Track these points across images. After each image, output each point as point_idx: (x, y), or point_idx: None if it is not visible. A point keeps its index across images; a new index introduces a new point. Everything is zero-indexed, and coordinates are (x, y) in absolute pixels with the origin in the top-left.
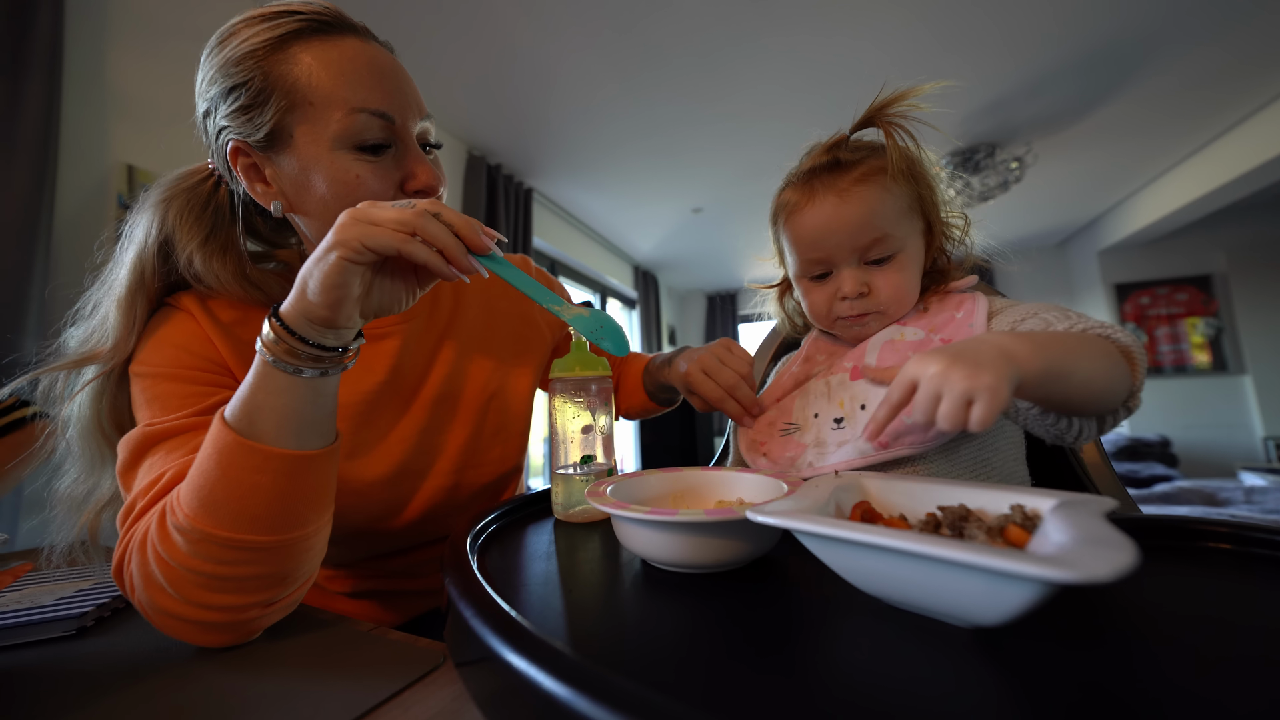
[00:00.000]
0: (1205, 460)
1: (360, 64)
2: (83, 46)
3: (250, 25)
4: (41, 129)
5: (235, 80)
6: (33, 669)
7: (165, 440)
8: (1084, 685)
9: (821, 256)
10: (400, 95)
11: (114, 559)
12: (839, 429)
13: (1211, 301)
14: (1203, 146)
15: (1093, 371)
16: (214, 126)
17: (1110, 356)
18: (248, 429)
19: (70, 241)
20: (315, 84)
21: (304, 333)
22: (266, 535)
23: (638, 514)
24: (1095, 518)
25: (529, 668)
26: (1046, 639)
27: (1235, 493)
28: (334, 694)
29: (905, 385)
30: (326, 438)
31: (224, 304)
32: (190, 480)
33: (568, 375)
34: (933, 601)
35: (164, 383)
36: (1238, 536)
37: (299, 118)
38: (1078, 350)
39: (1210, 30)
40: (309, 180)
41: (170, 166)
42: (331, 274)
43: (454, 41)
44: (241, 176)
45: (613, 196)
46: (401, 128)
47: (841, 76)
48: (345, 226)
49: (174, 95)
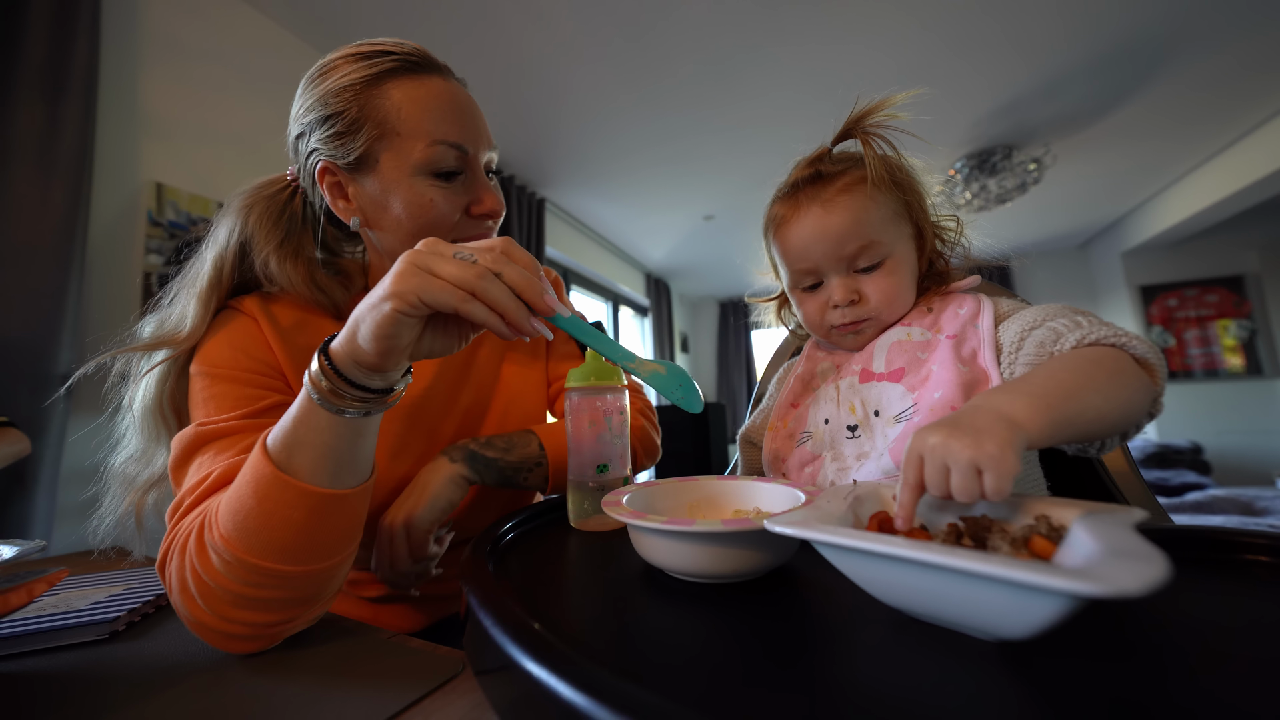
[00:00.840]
0: (1240, 467)
1: (443, 101)
2: (116, 70)
3: (350, 62)
4: (78, 151)
5: (332, 110)
6: (66, 672)
7: (216, 440)
8: (1114, 700)
9: (810, 267)
10: (474, 129)
11: (160, 553)
12: (854, 438)
13: (1244, 303)
14: (1230, 144)
15: (1105, 403)
16: (305, 148)
17: (1125, 374)
18: (286, 462)
19: (103, 258)
20: (403, 117)
21: (351, 375)
22: (293, 566)
23: (655, 524)
24: (1124, 529)
25: (548, 676)
26: (1074, 653)
27: (1274, 501)
28: (356, 700)
29: (914, 461)
30: (361, 475)
31: (286, 306)
32: (228, 502)
33: (583, 385)
34: (956, 614)
35: (221, 384)
36: (1278, 549)
37: (386, 146)
38: (1086, 384)
39: (1235, 25)
40: (388, 201)
41: (198, 184)
42: (384, 324)
43: (465, 54)
44: (326, 193)
45: (624, 205)
46: (473, 158)
47: (853, 84)
48: (404, 275)
49: (201, 116)
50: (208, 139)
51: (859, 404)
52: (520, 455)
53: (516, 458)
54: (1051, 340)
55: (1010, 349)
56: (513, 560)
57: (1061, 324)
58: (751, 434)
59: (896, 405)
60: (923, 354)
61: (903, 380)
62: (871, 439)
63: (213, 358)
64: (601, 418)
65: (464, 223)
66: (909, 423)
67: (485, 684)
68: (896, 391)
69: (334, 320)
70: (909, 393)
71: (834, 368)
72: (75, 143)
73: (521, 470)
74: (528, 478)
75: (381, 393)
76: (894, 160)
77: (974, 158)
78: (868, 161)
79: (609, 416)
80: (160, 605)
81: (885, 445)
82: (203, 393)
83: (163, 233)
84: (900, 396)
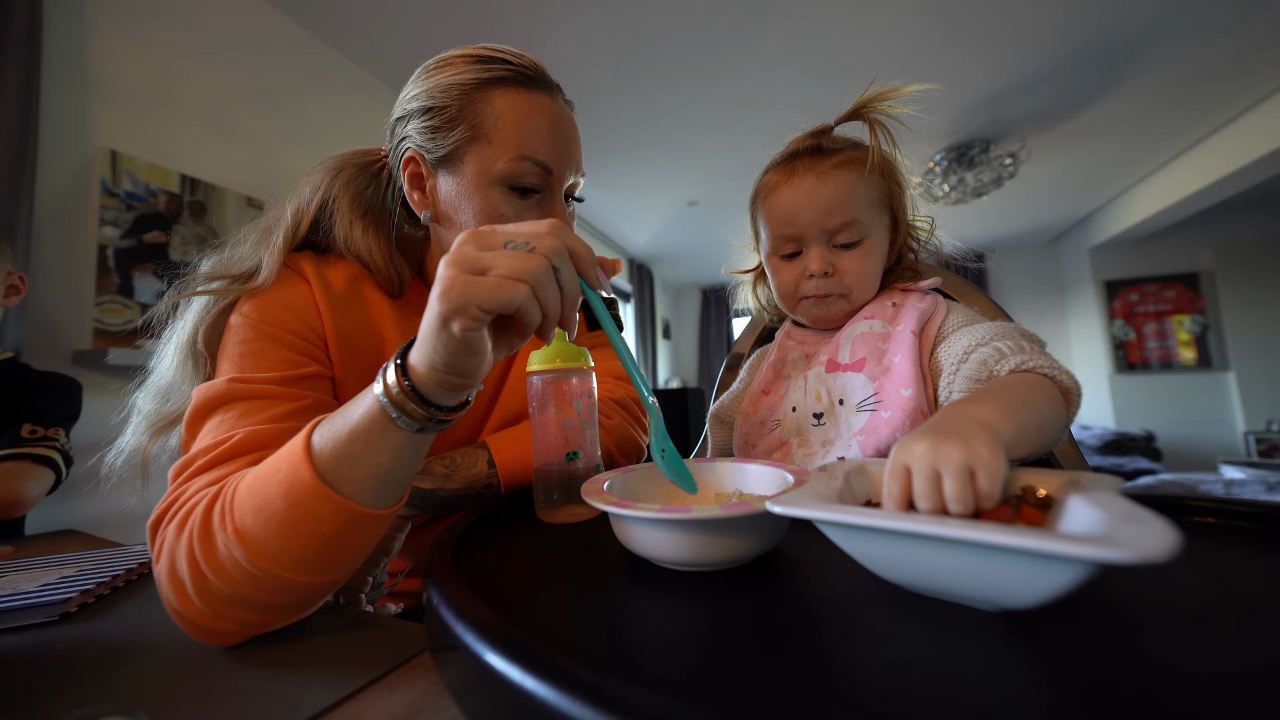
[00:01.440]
0: (1188, 454)
1: (542, 119)
2: (62, 28)
3: (467, 62)
4: (20, 113)
5: (436, 103)
6: (14, 654)
7: (244, 401)
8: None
9: (794, 233)
10: (566, 153)
11: (155, 512)
12: (820, 425)
13: (1198, 299)
14: (1193, 145)
15: (1043, 422)
16: (401, 132)
17: (1056, 401)
18: (331, 473)
19: (53, 229)
20: (499, 126)
21: (437, 399)
22: (305, 577)
23: (647, 513)
24: (1120, 497)
25: (504, 664)
26: (1071, 619)
27: (1215, 486)
28: (320, 676)
29: (899, 472)
30: (400, 493)
31: (341, 271)
32: (251, 496)
33: (548, 368)
34: (967, 587)
35: (264, 340)
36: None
37: (474, 149)
38: (1033, 403)
39: (1203, 28)
40: (460, 203)
41: (157, 154)
42: (458, 348)
43: (435, 20)
44: (406, 182)
45: (606, 188)
46: (556, 179)
47: (837, 70)
48: (454, 287)
49: (157, 79)
50: (167, 105)
51: (825, 393)
52: (464, 479)
53: (460, 483)
54: (995, 359)
55: (950, 369)
56: (482, 555)
57: (1006, 345)
58: (722, 413)
59: (859, 394)
60: (883, 345)
61: (864, 370)
62: (836, 426)
63: (262, 311)
64: (569, 402)
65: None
66: (871, 412)
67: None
68: (859, 380)
69: (387, 293)
70: (870, 382)
71: (804, 358)
72: (16, 105)
73: (468, 498)
74: (476, 502)
75: (461, 407)
76: (889, 151)
77: (953, 150)
78: (872, 145)
79: (576, 401)
80: (116, 587)
81: (850, 433)
82: (242, 345)
83: (119, 203)
84: (863, 385)
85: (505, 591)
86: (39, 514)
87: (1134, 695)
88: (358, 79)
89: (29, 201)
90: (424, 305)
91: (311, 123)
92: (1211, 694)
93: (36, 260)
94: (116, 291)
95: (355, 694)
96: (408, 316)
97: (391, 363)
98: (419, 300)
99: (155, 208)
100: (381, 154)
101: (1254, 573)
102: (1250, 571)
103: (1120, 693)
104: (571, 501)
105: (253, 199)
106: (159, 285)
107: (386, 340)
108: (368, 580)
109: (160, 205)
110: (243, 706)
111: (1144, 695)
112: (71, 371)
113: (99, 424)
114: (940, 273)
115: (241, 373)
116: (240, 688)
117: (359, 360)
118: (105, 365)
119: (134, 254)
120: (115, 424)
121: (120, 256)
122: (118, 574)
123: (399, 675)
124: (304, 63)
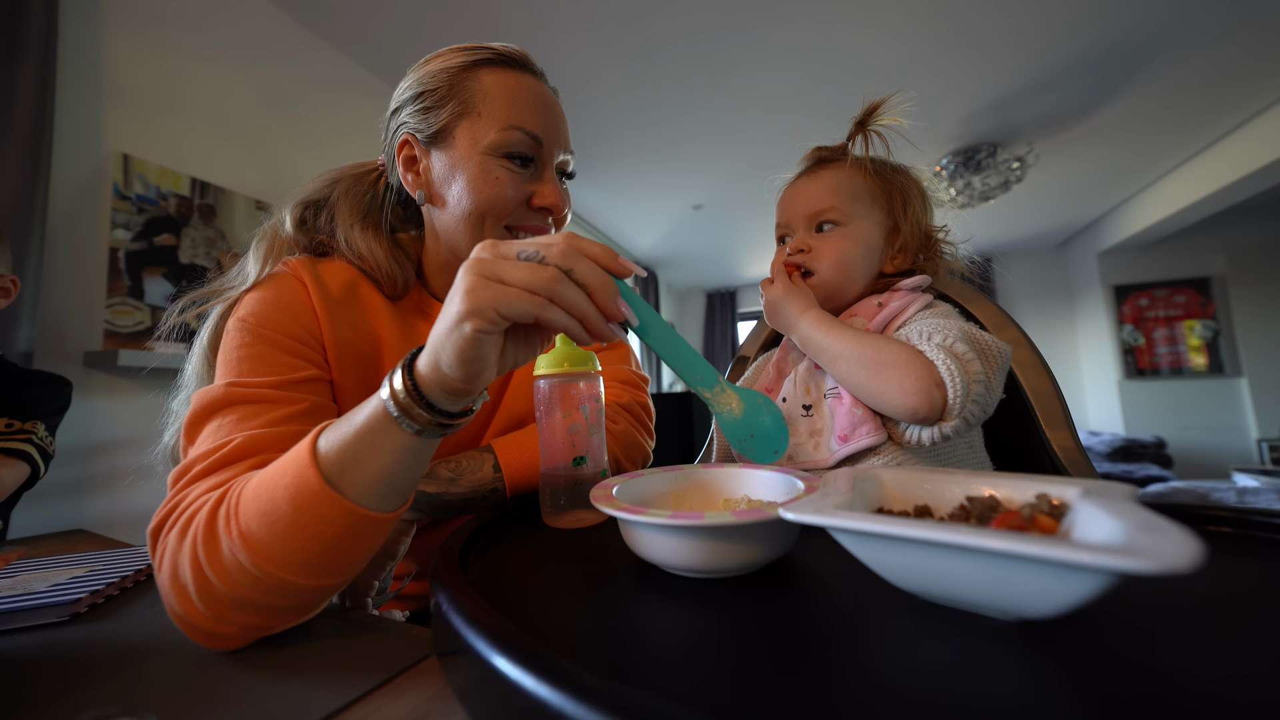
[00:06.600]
0: (1199, 462)
1: (529, 95)
2: (76, 34)
3: (455, 52)
4: (35, 117)
5: (427, 87)
6: (26, 654)
7: (242, 405)
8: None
9: (784, 220)
10: (553, 127)
11: (155, 518)
12: (808, 416)
13: (1210, 304)
14: (1204, 149)
15: (850, 364)
16: (396, 122)
17: (896, 367)
18: (336, 475)
19: (65, 231)
20: (488, 100)
21: (440, 403)
22: (309, 580)
23: (659, 519)
24: (1136, 505)
25: (512, 668)
26: (1087, 628)
27: (1228, 494)
28: (327, 679)
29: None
30: (404, 497)
31: (337, 272)
32: (256, 500)
33: (555, 372)
34: (984, 596)
35: (261, 345)
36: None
37: (465, 123)
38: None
39: (1213, 33)
40: (454, 175)
41: (168, 157)
42: (467, 348)
43: (441, 24)
44: (400, 165)
45: (611, 192)
46: (546, 151)
47: (843, 74)
48: (475, 290)
49: (171, 85)
50: (179, 110)
51: (813, 386)
52: (470, 484)
53: (465, 487)
54: (916, 335)
55: None
56: (488, 560)
57: (940, 334)
58: None
59: (828, 385)
60: None
61: None
62: (822, 417)
63: (259, 315)
64: (576, 407)
65: (523, 212)
66: (833, 399)
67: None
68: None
69: (386, 295)
70: None
71: (801, 355)
72: (31, 109)
73: (473, 502)
74: (482, 505)
75: (465, 414)
76: (882, 157)
77: (960, 154)
78: (864, 150)
79: (583, 405)
80: (125, 588)
81: (834, 424)
82: (239, 349)
83: (130, 206)
84: (832, 378)
85: (512, 596)
86: (46, 514)
87: (1153, 706)
88: (366, 83)
89: (43, 204)
90: (422, 308)
91: (320, 127)
92: (1231, 701)
93: (49, 262)
94: (127, 293)
95: (362, 697)
96: (406, 319)
97: (400, 365)
98: (417, 303)
99: (166, 211)
100: (378, 164)
101: (1272, 583)
102: (1267, 581)
103: (1139, 704)
104: (578, 506)
105: (261, 202)
106: (169, 288)
107: (385, 343)
108: (374, 584)
109: (171, 208)
110: (250, 710)
111: (1164, 705)
112: (82, 373)
113: (107, 424)
114: (957, 284)
115: (239, 377)
116: (248, 691)
117: (357, 363)
118: (116, 366)
119: (144, 256)
120: (129, 425)
121: (131, 259)
122: (127, 575)
123: (406, 679)
124: (313, 67)
